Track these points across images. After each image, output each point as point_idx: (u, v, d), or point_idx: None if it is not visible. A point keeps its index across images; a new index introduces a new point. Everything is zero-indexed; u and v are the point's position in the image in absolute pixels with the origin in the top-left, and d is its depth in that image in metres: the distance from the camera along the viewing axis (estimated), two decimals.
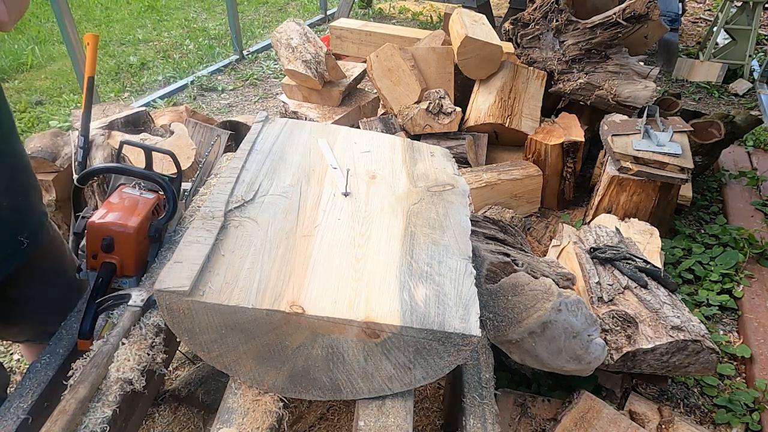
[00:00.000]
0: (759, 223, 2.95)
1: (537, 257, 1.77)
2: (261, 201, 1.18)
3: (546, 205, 3.06)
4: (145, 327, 1.08)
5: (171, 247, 1.32)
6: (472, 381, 1.20)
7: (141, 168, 1.29)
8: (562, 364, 1.41)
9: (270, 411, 0.98)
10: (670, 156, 2.51)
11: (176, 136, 2.53)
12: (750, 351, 2.18)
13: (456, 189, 1.35)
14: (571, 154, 2.88)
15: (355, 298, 0.96)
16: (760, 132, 3.95)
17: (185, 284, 0.91)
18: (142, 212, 1.23)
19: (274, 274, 0.99)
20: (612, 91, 2.93)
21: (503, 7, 6.54)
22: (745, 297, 2.47)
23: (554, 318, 1.32)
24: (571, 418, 1.59)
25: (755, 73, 5.14)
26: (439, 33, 3.79)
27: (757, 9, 4.92)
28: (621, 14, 2.87)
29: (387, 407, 1.00)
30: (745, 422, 1.91)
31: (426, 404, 1.90)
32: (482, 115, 3.03)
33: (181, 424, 1.81)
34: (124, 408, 0.97)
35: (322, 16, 6.67)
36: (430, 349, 0.96)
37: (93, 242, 1.17)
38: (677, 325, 1.63)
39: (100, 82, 4.65)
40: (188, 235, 1.03)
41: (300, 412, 1.82)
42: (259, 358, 0.98)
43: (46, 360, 1.13)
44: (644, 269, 1.87)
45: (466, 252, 1.13)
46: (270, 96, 4.61)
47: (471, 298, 1.01)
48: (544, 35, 3.10)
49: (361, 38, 4.55)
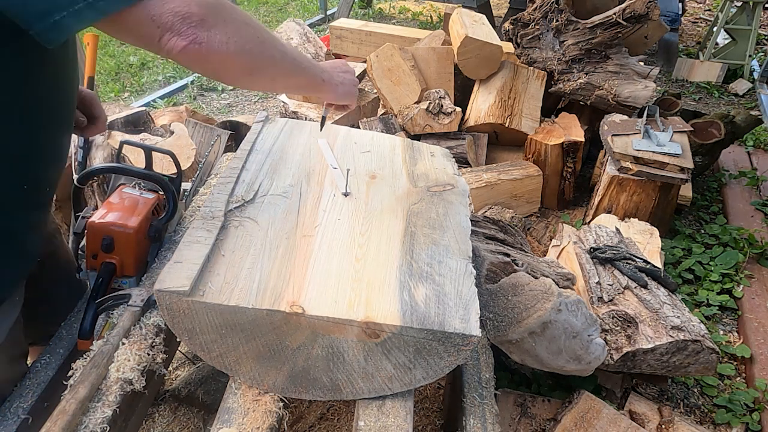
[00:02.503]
0: (759, 223, 2.95)
1: (537, 257, 1.77)
2: (261, 201, 1.18)
3: (546, 205, 3.06)
4: (145, 327, 1.07)
5: (171, 247, 1.32)
6: (472, 381, 1.20)
7: (141, 168, 1.29)
8: (562, 364, 1.41)
9: (270, 411, 0.98)
10: (670, 156, 2.51)
11: (176, 136, 2.53)
12: (750, 351, 2.18)
13: (456, 189, 1.35)
14: (571, 154, 2.88)
15: (355, 298, 0.96)
16: (760, 132, 3.95)
17: (185, 284, 0.91)
18: (142, 212, 1.22)
19: (274, 274, 0.99)
20: (612, 91, 2.93)
21: (503, 7, 6.54)
22: (745, 297, 2.47)
23: (554, 318, 1.32)
24: (571, 418, 1.59)
25: (755, 73, 5.14)
26: (439, 33, 3.79)
27: (757, 9, 4.92)
28: (621, 14, 2.87)
29: (387, 407, 1.00)
30: (745, 422, 1.91)
31: (426, 404, 1.90)
32: (482, 115, 3.03)
33: (181, 424, 1.81)
34: (124, 408, 0.97)
35: (322, 16, 6.67)
36: (430, 349, 0.96)
37: (93, 242, 1.17)
38: (677, 325, 1.63)
39: (100, 82, 4.65)
40: (188, 235, 1.03)
41: (300, 412, 1.82)
42: (259, 358, 0.98)
43: (46, 360, 1.13)
44: (644, 269, 1.87)
45: (466, 252, 1.13)
46: (270, 96, 4.61)
47: (471, 298, 1.01)
48: (544, 35, 3.10)
49: (361, 38, 4.54)
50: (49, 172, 1.08)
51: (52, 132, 1.02)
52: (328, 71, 1.19)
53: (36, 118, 0.94)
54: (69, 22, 0.75)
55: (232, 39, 0.86)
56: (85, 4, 0.74)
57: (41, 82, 0.92)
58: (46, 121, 0.98)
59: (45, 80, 0.93)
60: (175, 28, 0.80)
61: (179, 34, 0.81)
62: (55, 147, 1.06)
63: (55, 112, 1.01)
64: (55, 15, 0.74)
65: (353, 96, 1.27)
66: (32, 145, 0.97)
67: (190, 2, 0.81)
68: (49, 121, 1.00)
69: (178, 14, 0.80)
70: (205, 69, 0.90)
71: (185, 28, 0.81)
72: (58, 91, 0.99)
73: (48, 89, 0.95)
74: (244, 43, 0.89)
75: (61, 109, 1.03)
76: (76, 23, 0.75)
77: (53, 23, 0.74)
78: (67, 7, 0.74)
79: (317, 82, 1.14)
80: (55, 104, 0.99)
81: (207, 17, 0.82)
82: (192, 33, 0.81)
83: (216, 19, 0.84)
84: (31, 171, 1.00)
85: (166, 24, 0.80)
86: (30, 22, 0.74)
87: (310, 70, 1.10)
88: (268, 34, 0.97)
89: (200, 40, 0.82)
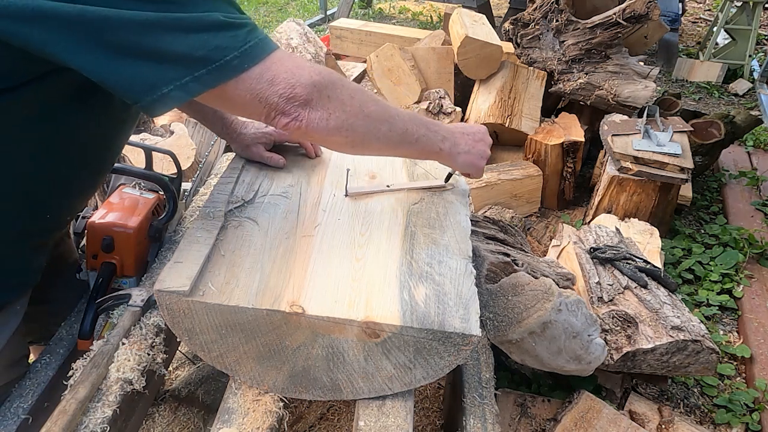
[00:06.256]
0: (759, 223, 2.95)
1: (537, 257, 1.77)
2: (261, 201, 1.18)
3: (546, 205, 3.06)
4: (145, 327, 1.07)
5: (171, 247, 1.32)
6: (472, 381, 1.20)
7: (141, 168, 1.29)
8: (562, 364, 1.41)
9: (270, 411, 0.98)
10: (670, 156, 2.51)
11: (176, 136, 2.54)
12: (750, 351, 2.18)
13: (456, 189, 1.35)
14: (571, 154, 2.88)
15: (355, 298, 0.96)
16: (760, 132, 3.95)
17: (185, 284, 0.91)
18: (142, 212, 1.23)
19: (274, 274, 0.99)
20: (612, 91, 2.93)
21: (503, 7, 6.54)
22: (745, 297, 2.47)
23: (554, 318, 1.32)
24: (571, 418, 1.59)
25: (755, 73, 5.14)
26: (439, 33, 3.79)
27: (757, 9, 4.92)
28: (621, 14, 2.87)
29: (387, 407, 1.00)
30: (745, 422, 1.91)
31: (426, 404, 1.90)
32: (482, 115, 3.03)
33: (181, 424, 1.81)
34: (124, 408, 0.97)
35: (322, 16, 6.67)
36: (431, 349, 0.96)
37: (93, 242, 1.17)
38: (677, 325, 1.63)
39: None
40: (188, 235, 1.03)
41: (300, 412, 1.82)
42: (259, 358, 0.98)
43: (46, 360, 1.13)
44: (644, 269, 1.87)
45: (466, 252, 1.13)
46: None
47: (471, 297, 1.01)
48: (544, 35, 3.10)
49: (361, 38, 4.55)
50: (76, 205, 1.14)
51: (88, 173, 1.07)
52: (452, 139, 1.13)
53: (79, 161, 1.00)
54: (176, 94, 0.76)
55: (334, 115, 0.89)
56: (192, 77, 0.76)
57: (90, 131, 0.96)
58: (86, 163, 1.03)
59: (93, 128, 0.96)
60: (280, 107, 0.84)
61: (283, 113, 0.85)
62: (88, 185, 1.11)
63: (99, 158, 1.06)
64: (163, 88, 0.76)
65: (477, 169, 1.20)
66: (67, 182, 1.02)
67: (294, 84, 0.83)
68: (89, 164, 1.04)
69: (283, 96, 0.83)
70: (310, 140, 0.93)
71: (289, 107, 0.85)
72: (104, 138, 1.04)
73: (94, 137, 0.99)
74: (346, 119, 0.91)
75: (105, 154, 1.08)
76: (183, 95, 0.77)
77: (161, 96, 0.76)
78: (175, 81, 0.76)
79: (433, 151, 1.11)
80: (98, 150, 1.04)
81: (311, 96, 0.86)
82: (295, 111, 0.85)
83: (320, 97, 0.87)
84: (61, 205, 1.06)
85: (272, 105, 0.84)
86: (138, 96, 0.76)
87: (423, 141, 1.06)
88: (378, 107, 0.97)
89: (301, 118, 0.86)
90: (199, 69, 0.77)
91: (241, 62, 0.79)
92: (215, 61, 0.77)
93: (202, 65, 0.77)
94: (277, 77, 0.82)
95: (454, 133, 1.15)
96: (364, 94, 0.95)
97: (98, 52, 0.72)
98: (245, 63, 0.80)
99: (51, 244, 1.15)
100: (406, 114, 1.05)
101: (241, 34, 0.80)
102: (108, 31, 0.71)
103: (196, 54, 0.76)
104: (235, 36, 0.79)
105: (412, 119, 1.05)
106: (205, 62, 0.77)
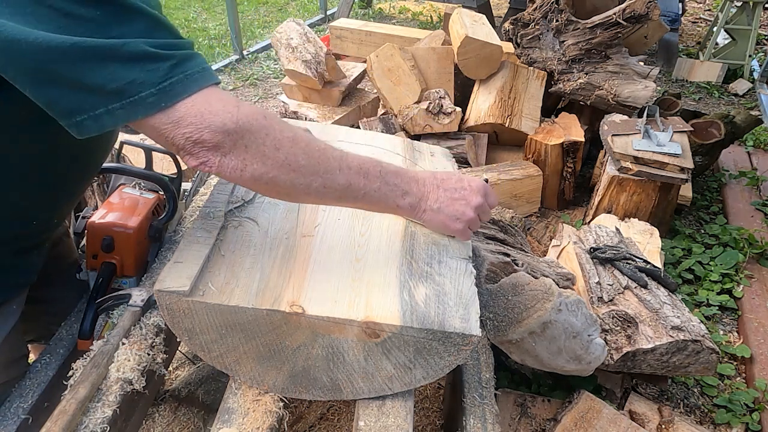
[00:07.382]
0: (759, 223, 2.95)
1: (537, 257, 1.77)
2: (261, 201, 1.18)
3: (546, 205, 3.06)
4: (145, 327, 1.08)
5: (171, 247, 1.32)
6: (472, 381, 1.20)
7: (141, 168, 1.29)
8: (562, 364, 1.41)
9: (270, 411, 0.98)
10: (670, 156, 2.51)
11: None
12: (750, 351, 2.18)
13: None
14: (571, 154, 2.88)
15: (355, 298, 0.96)
16: (760, 132, 3.95)
17: (185, 284, 0.91)
18: (142, 212, 1.23)
19: (274, 274, 0.99)
20: (612, 91, 2.93)
21: (503, 7, 6.55)
22: (745, 297, 2.47)
23: (554, 318, 1.32)
24: (571, 418, 1.59)
25: (755, 73, 5.15)
26: (439, 33, 3.79)
27: (757, 9, 4.92)
28: (621, 14, 2.87)
29: (387, 407, 1.00)
30: (745, 422, 1.91)
31: (426, 404, 1.90)
32: (482, 115, 3.03)
33: (181, 424, 1.81)
34: (124, 408, 0.97)
35: (322, 16, 6.68)
36: (431, 349, 0.96)
37: (93, 242, 1.17)
38: (677, 325, 1.63)
39: None
40: (188, 235, 1.03)
41: (300, 412, 1.82)
42: (259, 358, 0.98)
43: (46, 360, 1.13)
44: (644, 269, 1.87)
45: (466, 252, 1.13)
46: (270, 96, 4.62)
47: (471, 297, 1.01)
48: (544, 35, 3.10)
49: (361, 38, 4.55)
50: (63, 208, 1.16)
51: (75, 176, 1.10)
52: (418, 194, 1.02)
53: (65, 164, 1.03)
54: (89, 124, 0.76)
55: (250, 167, 0.83)
56: (105, 110, 0.75)
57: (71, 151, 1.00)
58: (73, 167, 1.06)
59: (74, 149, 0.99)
60: (187, 149, 0.81)
61: (190, 154, 0.81)
62: (75, 189, 1.15)
63: (86, 161, 1.10)
64: (77, 116, 0.75)
65: (450, 230, 1.09)
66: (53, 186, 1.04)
67: (203, 129, 0.79)
68: (76, 167, 1.07)
69: (189, 139, 0.79)
70: None
71: (197, 151, 0.81)
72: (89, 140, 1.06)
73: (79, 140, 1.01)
74: (266, 171, 0.84)
75: (91, 158, 1.12)
76: (97, 126, 0.76)
77: (76, 122, 0.75)
78: (89, 111, 0.75)
79: (390, 207, 1.00)
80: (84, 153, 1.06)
81: (222, 143, 0.80)
82: (203, 156, 0.81)
83: (234, 146, 0.81)
84: (47, 208, 1.09)
85: (178, 145, 0.80)
86: (58, 116, 0.76)
87: (373, 197, 0.96)
88: (310, 160, 0.88)
89: (211, 164, 0.82)
90: (112, 102, 0.74)
91: (157, 100, 0.76)
92: (129, 96, 0.75)
93: (116, 99, 0.74)
94: (184, 119, 0.78)
95: (426, 185, 1.03)
96: (295, 146, 0.86)
97: (18, 72, 0.73)
98: (162, 101, 0.76)
99: (47, 244, 1.15)
100: (357, 165, 0.93)
101: (163, 67, 0.76)
102: (23, 55, 0.70)
103: (109, 86, 0.73)
104: (155, 70, 0.75)
105: (361, 172, 0.94)
106: (119, 96, 0.74)
